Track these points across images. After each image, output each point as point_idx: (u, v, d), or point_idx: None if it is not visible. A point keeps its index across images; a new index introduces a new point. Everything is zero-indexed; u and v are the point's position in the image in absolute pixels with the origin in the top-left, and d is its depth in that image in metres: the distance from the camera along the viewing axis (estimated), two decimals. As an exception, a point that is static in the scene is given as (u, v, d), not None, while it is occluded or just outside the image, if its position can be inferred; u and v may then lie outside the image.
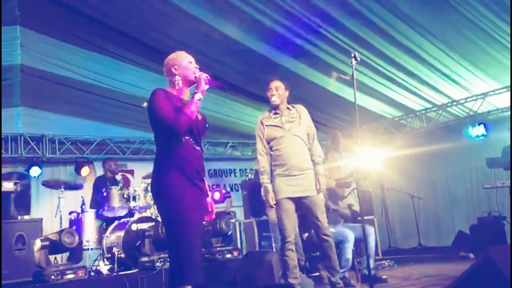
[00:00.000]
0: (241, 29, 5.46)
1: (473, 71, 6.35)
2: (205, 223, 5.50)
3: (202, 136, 2.84)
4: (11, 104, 6.69)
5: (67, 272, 4.73)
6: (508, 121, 6.85)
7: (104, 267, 5.42)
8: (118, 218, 6.06)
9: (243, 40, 5.66)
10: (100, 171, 7.51)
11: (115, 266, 5.29)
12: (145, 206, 6.03)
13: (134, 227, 5.63)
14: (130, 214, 6.05)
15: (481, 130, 7.09)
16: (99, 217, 6.12)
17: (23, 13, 5.14)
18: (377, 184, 8.84)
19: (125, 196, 6.04)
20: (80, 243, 5.23)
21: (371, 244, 4.95)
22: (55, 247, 4.97)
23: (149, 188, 5.97)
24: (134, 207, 5.99)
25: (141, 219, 5.76)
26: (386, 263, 6.20)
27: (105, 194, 6.06)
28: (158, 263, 4.90)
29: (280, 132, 4.12)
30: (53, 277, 4.61)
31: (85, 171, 7.78)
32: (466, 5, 4.92)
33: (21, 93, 6.59)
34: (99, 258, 5.79)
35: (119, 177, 7.10)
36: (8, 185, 5.96)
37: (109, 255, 5.61)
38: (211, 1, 4.96)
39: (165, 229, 2.70)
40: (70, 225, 6.06)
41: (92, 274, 5.31)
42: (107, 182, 6.64)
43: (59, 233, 5.00)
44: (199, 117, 2.79)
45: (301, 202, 4.05)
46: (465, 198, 8.11)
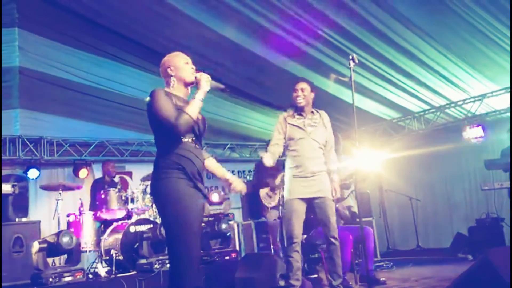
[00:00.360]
0: (240, 31, 5.47)
1: (471, 72, 6.36)
2: (203, 225, 5.51)
3: (203, 136, 2.81)
4: (9, 106, 6.69)
5: (65, 274, 4.72)
6: (506, 122, 6.86)
7: (102, 270, 5.41)
8: (116, 220, 6.05)
9: (241, 41, 5.66)
10: (98, 173, 7.51)
11: (113, 268, 5.28)
12: (143, 208, 6.02)
13: (132, 229, 5.62)
14: (128, 216, 6.04)
15: (479, 132, 7.10)
16: (97, 219, 6.10)
17: (21, 15, 5.14)
18: (375, 185, 8.85)
19: (123, 198, 6.04)
20: (78, 245, 5.22)
21: (370, 245, 4.95)
22: (53, 249, 4.95)
23: (147, 190, 5.97)
24: (132, 209, 5.98)
25: (139, 221, 5.75)
26: (384, 265, 6.21)
27: (103, 196, 6.05)
28: (156, 265, 4.89)
29: (300, 133, 4.09)
30: (51, 279, 4.60)
31: (83, 173, 7.77)
32: (464, 7, 4.93)
33: (19, 95, 6.58)
34: (97, 260, 5.78)
35: (117, 179, 7.08)
36: (6, 187, 5.95)
37: (107, 257, 5.60)
38: (209, 3, 4.96)
39: (164, 231, 2.68)
40: (68, 227, 6.03)
41: (90, 276, 5.30)
42: (105, 184, 6.64)
43: (57, 235, 4.99)
44: (199, 117, 2.75)
45: (313, 203, 4.04)
46: (464, 199, 8.12)
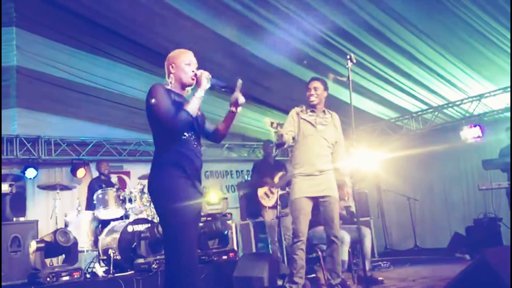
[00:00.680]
0: (238, 31, 5.46)
1: (469, 72, 6.38)
2: (201, 224, 5.51)
3: (202, 133, 2.79)
4: (6, 105, 6.66)
5: (62, 274, 4.72)
6: (504, 122, 6.88)
7: (99, 269, 5.40)
8: (114, 219, 6.05)
9: (239, 41, 5.66)
10: (96, 173, 7.50)
11: (111, 268, 5.27)
12: (141, 207, 6.01)
13: (130, 228, 5.61)
14: (126, 215, 6.04)
15: (477, 131, 7.11)
16: (95, 219, 6.10)
17: (19, 14, 5.12)
18: (373, 185, 8.85)
19: (121, 197, 6.04)
20: (75, 245, 5.21)
21: (367, 245, 4.96)
22: (50, 248, 4.96)
23: (145, 189, 5.96)
24: (130, 208, 5.98)
25: (137, 221, 5.75)
26: (382, 265, 6.21)
27: (101, 195, 6.05)
28: (154, 265, 4.89)
29: (311, 130, 4.10)
30: (48, 279, 4.60)
31: (81, 172, 7.76)
32: (462, 7, 4.94)
33: (16, 95, 6.57)
34: (94, 260, 5.77)
35: (115, 179, 7.07)
36: (3, 187, 5.94)
37: (105, 257, 5.60)
38: (207, 3, 4.96)
39: (162, 229, 2.65)
40: (65, 227, 6.02)
41: (87, 276, 5.30)
42: (102, 183, 6.63)
43: (54, 233, 4.99)
44: (199, 113, 2.73)
45: (320, 201, 4.05)
46: (461, 199, 8.13)
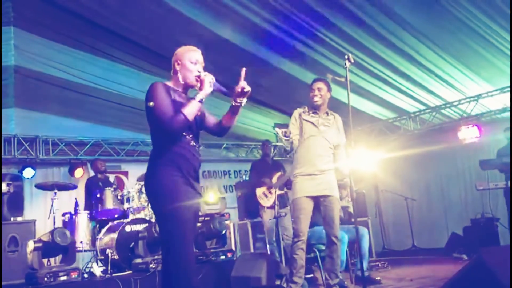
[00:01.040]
0: (236, 31, 5.47)
1: (467, 73, 6.39)
2: (199, 224, 5.51)
3: (200, 131, 2.73)
4: (4, 105, 6.64)
5: (60, 274, 4.69)
6: (501, 123, 6.90)
7: (97, 269, 5.39)
8: (112, 219, 6.03)
9: (238, 41, 5.67)
10: (93, 173, 7.49)
11: (109, 268, 5.26)
12: (139, 207, 6.01)
13: (128, 228, 5.60)
14: (124, 215, 6.03)
15: (474, 132, 7.13)
16: (93, 218, 6.09)
17: (17, 14, 5.12)
18: (371, 185, 8.86)
19: (119, 197, 6.03)
20: (73, 244, 5.20)
21: (365, 245, 4.97)
22: (48, 248, 4.93)
23: (143, 189, 5.95)
24: (128, 208, 5.97)
25: (135, 221, 5.73)
26: (380, 265, 6.22)
27: (98, 195, 6.04)
28: (152, 265, 4.87)
29: (313, 131, 4.12)
30: (46, 279, 4.57)
31: (79, 172, 7.74)
32: (460, 8, 4.95)
33: (14, 94, 6.56)
34: (92, 260, 5.76)
35: (112, 179, 7.06)
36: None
37: (103, 257, 5.58)
38: (206, 3, 4.96)
39: (159, 229, 2.62)
40: (63, 227, 6.01)
41: (85, 276, 5.28)
42: (99, 183, 6.62)
43: (51, 232, 4.97)
44: (199, 113, 2.65)
45: (320, 201, 4.06)
46: (459, 199, 8.15)
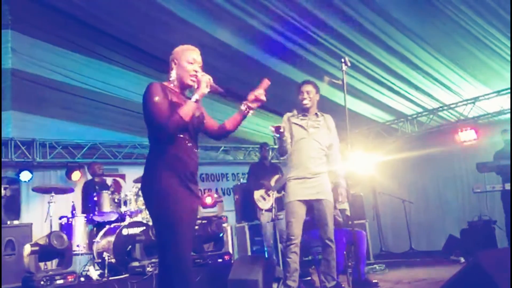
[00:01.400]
0: (233, 34, 5.47)
1: (464, 76, 6.41)
2: (196, 227, 5.50)
3: (198, 132, 2.69)
4: (1, 108, 6.64)
5: (56, 277, 4.68)
6: (498, 125, 6.92)
7: (94, 272, 5.37)
8: (109, 222, 6.02)
9: (235, 44, 5.67)
10: (90, 176, 7.48)
11: (106, 271, 5.24)
12: (136, 210, 6.00)
13: (125, 232, 5.59)
14: (121, 218, 6.02)
15: (471, 134, 7.15)
16: (90, 221, 6.07)
17: (14, 17, 5.11)
18: (369, 188, 8.87)
19: (116, 200, 6.03)
20: (70, 248, 5.19)
21: (363, 248, 4.96)
22: (45, 251, 4.92)
23: (140, 192, 5.94)
24: (125, 211, 5.96)
25: (132, 224, 5.73)
26: (377, 267, 6.21)
27: (95, 198, 6.03)
28: (149, 268, 4.87)
29: (303, 133, 4.13)
30: (42, 282, 4.56)
31: (76, 175, 7.73)
32: (456, 11, 4.97)
33: (11, 97, 6.54)
34: (89, 263, 5.75)
35: (110, 182, 7.04)
36: (-3, 190, 5.94)
37: (100, 260, 5.57)
38: (204, 6, 4.96)
39: (155, 232, 2.60)
40: (60, 230, 6.00)
41: (82, 279, 5.25)
42: (96, 186, 6.61)
43: (48, 236, 4.96)
44: (197, 114, 2.63)
45: (313, 205, 4.07)
46: (456, 202, 8.16)
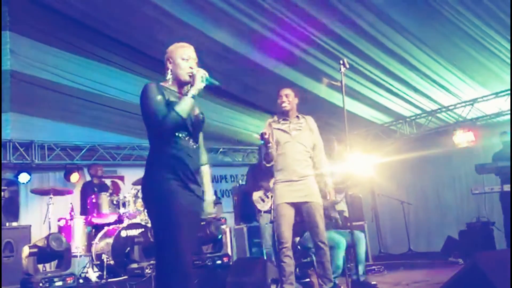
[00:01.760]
0: (232, 36, 5.47)
1: (462, 77, 6.41)
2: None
3: (199, 131, 2.64)
4: (0, 109, 6.63)
5: (55, 279, 4.69)
6: (496, 127, 6.93)
7: (93, 274, 5.38)
8: (107, 224, 6.02)
9: (234, 46, 5.67)
10: (89, 177, 7.48)
11: (104, 273, 5.25)
12: (135, 212, 6.00)
13: (123, 233, 5.60)
14: (119, 220, 6.02)
15: (470, 136, 7.16)
16: (88, 223, 6.07)
17: (13, 18, 5.11)
18: (367, 190, 8.87)
19: (114, 202, 6.03)
20: (68, 250, 5.19)
21: (361, 250, 4.96)
22: (43, 253, 4.92)
23: (139, 194, 5.95)
24: (123, 213, 5.97)
25: (130, 226, 5.73)
26: (376, 269, 6.21)
27: (94, 200, 6.03)
28: (147, 270, 4.87)
29: (286, 137, 4.16)
30: (41, 284, 4.57)
31: (74, 177, 7.73)
32: (455, 13, 4.97)
33: (10, 99, 6.53)
34: (88, 265, 5.75)
35: (108, 183, 7.04)
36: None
37: (98, 262, 5.57)
38: (202, 8, 4.96)
39: (153, 234, 2.55)
40: (59, 232, 6.00)
41: (80, 281, 5.28)
42: (95, 187, 6.61)
43: (46, 238, 4.96)
44: (195, 112, 2.60)
45: (301, 207, 4.06)
46: (455, 203, 8.16)
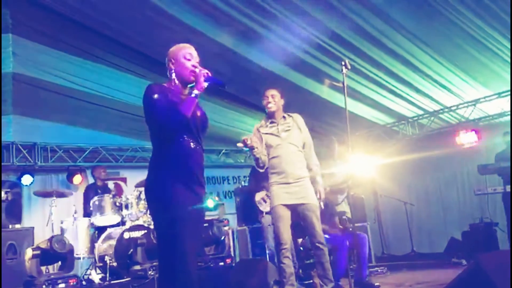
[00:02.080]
0: (234, 37, 5.48)
1: (464, 78, 6.40)
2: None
3: (203, 133, 2.63)
4: (2, 112, 6.64)
5: (58, 281, 4.70)
6: (499, 127, 6.91)
7: (96, 276, 5.38)
8: (110, 226, 6.03)
9: (235, 47, 5.68)
10: (92, 180, 7.49)
11: (107, 275, 5.25)
12: (138, 214, 6.00)
13: (126, 235, 5.60)
14: (122, 222, 6.02)
15: (472, 136, 7.15)
16: (91, 225, 6.08)
17: (15, 21, 5.13)
18: (370, 190, 8.86)
19: (117, 204, 6.03)
20: (71, 251, 5.20)
21: (364, 251, 4.96)
22: (46, 255, 4.94)
23: (142, 196, 5.96)
24: (126, 215, 5.97)
25: (133, 227, 5.74)
26: (379, 270, 6.21)
27: (97, 202, 6.04)
28: (150, 272, 4.87)
29: (276, 140, 4.14)
30: (44, 286, 4.58)
31: (77, 179, 7.74)
32: (457, 13, 4.97)
33: (12, 101, 6.56)
34: (91, 267, 5.76)
35: (111, 185, 7.05)
36: (-1, 194, 5.95)
37: (101, 264, 5.58)
38: (203, 9, 4.97)
39: (156, 236, 2.56)
40: (61, 234, 6.01)
41: (83, 283, 5.28)
42: (98, 189, 6.62)
43: (50, 240, 4.97)
44: (198, 113, 2.60)
45: (297, 209, 4.05)
46: (457, 204, 8.14)
